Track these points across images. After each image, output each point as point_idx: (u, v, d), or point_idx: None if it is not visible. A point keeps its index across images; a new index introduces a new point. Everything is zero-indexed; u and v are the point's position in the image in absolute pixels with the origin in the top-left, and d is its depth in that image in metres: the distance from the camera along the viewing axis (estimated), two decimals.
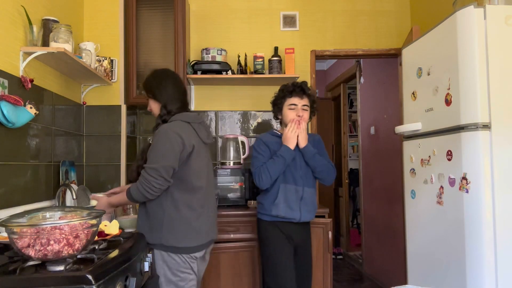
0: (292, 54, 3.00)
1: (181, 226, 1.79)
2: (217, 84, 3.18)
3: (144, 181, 1.72)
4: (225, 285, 2.56)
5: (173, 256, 1.79)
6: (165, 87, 1.90)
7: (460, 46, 1.73)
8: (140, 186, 1.73)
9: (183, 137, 1.79)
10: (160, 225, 1.78)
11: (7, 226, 1.19)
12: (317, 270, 2.53)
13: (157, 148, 1.76)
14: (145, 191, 1.72)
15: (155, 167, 1.72)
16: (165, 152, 1.74)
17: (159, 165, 1.72)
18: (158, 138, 1.78)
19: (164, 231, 1.78)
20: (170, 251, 1.79)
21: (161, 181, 1.72)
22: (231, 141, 2.97)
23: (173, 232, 1.78)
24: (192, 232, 1.81)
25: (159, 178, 1.71)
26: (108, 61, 2.80)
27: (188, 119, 1.89)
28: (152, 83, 1.93)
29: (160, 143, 1.76)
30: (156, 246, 1.80)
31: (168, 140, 1.76)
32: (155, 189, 1.72)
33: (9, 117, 1.75)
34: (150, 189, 1.72)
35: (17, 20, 1.99)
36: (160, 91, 1.90)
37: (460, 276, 1.72)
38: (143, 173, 1.74)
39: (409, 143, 2.22)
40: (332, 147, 5.40)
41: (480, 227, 1.65)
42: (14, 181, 1.96)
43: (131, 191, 1.76)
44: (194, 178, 1.84)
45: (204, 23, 3.24)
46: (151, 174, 1.71)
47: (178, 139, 1.77)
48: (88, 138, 2.82)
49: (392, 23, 3.32)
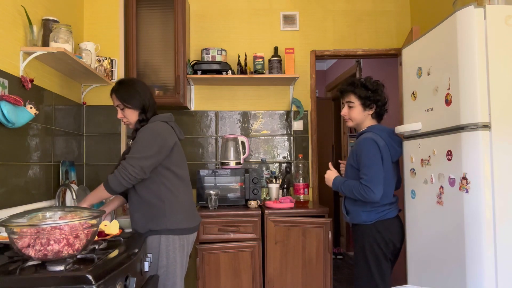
0: (292, 54, 3.00)
1: (181, 209, 1.96)
2: (217, 84, 3.19)
3: (122, 169, 1.82)
4: (225, 285, 2.56)
5: (175, 239, 1.91)
6: (139, 94, 2.00)
7: (460, 46, 1.73)
8: (117, 173, 1.82)
9: (165, 135, 1.93)
10: (163, 211, 1.91)
11: (7, 226, 1.19)
12: (317, 270, 2.54)
13: (140, 142, 1.88)
14: (122, 178, 1.81)
15: (135, 156, 1.84)
16: (147, 146, 1.87)
17: (140, 156, 1.84)
18: (142, 135, 1.90)
19: (168, 215, 1.91)
20: (174, 233, 1.91)
21: (137, 170, 1.82)
22: (231, 141, 2.97)
23: (176, 215, 1.93)
24: (190, 214, 2.01)
25: (136, 167, 1.82)
26: (108, 61, 2.80)
27: (165, 119, 2.03)
28: (126, 93, 1.99)
29: (143, 139, 1.89)
30: (161, 231, 1.90)
31: (152, 136, 1.89)
32: (131, 177, 1.81)
33: (9, 117, 1.75)
34: (127, 176, 1.81)
35: (17, 20, 1.99)
36: (136, 99, 1.98)
37: (460, 276, 1.72)
38: (123, 162, 1.84)
39: (409, 143, 2.22)
40: (332, 147, 5.40)
41: (480, 227, 1.64)
42: (14, 181, 1.96)
43: (109, 180, 1.84)
44: (179, 168, 2.00)
45: (204, 23, 3.24)
46: (130, 163, 1.82)
47: (161, 135, 1.91)
48: (88, 138, 2.82)
49: (392, 23, 3.32)
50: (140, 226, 1.93)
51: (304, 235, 2.54)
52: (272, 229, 2.55)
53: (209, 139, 3.21)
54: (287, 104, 3.25)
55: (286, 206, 2.65)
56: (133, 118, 2.00)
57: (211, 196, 2.67)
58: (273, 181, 2.91)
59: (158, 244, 1.89)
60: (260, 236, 2.59)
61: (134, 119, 2.00)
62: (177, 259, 1.91)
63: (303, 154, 3.21)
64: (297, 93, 3.25)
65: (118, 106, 2.00)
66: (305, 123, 3.26)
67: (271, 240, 2.54)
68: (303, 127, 3.25)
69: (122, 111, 2.00)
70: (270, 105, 3.26)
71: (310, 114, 3.26)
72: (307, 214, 2.61)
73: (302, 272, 2.55)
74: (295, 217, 2.57)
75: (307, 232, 2.54)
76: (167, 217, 1.90)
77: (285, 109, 3.26)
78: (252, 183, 2.80)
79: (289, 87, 3.25)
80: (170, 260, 1.90)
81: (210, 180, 2.80)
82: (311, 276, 2.55)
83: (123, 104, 1.98)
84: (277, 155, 3.24)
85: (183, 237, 1.94)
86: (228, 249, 2.57)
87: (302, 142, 3.25)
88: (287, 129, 3.26)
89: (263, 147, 3.24)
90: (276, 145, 3.25)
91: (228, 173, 2.82)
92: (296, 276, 2.55)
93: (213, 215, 2.58)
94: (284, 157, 3.23)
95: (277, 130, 3.25)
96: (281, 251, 2.55)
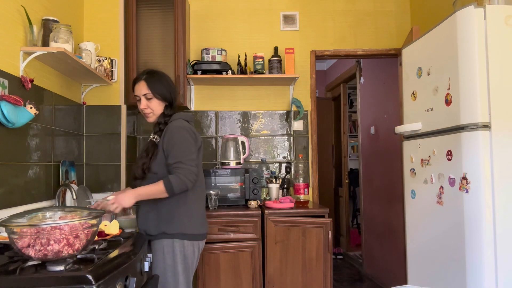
0: (292, 54, 3.00)
1: (197, 214, 1.93)
2: (217, 84, 3.19)
3: (186, 172, 1.79)
4: (225, 285, 2.56)
5: (188, 244, 1.87)
6: (169, 86, 1.97)
7: (460, 46, 1.73)
8: (182, 177, 1.78)
9: (196, 134, 1.93)
10: (180, 215, 1.87)
11: (7, 226, 1.19)
12: (317, 270, 2.54)
13: (183, 143, 1.85)
14: (188, 180, 1.79)
15: (192, 158, 1.83)
16: (190, 147, 1.86)
17: (193, 157, 1.84)
18: (179, 135, 1.86)
19: (184, 219, 1.87)
20: (187, 238, 1.87)
21: (195, 170, 1.83)
22: (231, 141, 2.97)
23: (191, 220, 1.90)
24: (203, 220, 1.99)
25: (194, 168, 1.82)
26: (108, 61, 2.80)
27: (187, 117, 1.98)
28: (158, 82, 1.95)
29: (183, 139, 1.85)
30: (174, 235, 1.85)
31: (190, 136, 1.88)
32: (192, 179, 1.81)
33: (9, 117, 1.75)
34: (190, 179, 1.80)
35: (17, 20, 1.99)
36: (166, 91, 1.95)
37: (460, 276, 1.72)
38: (182, 165, 1.80)
39: (409, 143, 2.22)
40: (332, 147, 5.40)
41: (480, 227, 1.65)
42: (14, 181, 1.96)
43: (172, 182, 1.78)
44: (201, 171, 1.98)
45: (204, 23, 3.24)
46: (190, 165, 1.81)
47: (194, 135, 1.90)
48: (88, 138, 2.82)
49: (392, 23, 3.32)
50: (152, 227, 1.89)
51: (304, 235, 2.54)
52: (272, 229, 2.55)
53: (209, 139, 3.22)
54: (287, 104, 3.25)
55: (286, 206, 2.65)
56: (159, 110, 1.94)
57: (211, 196, 2.67)
58: (273, 181, 2.91)
59: (171, 247, 1.85)
60: (260, 236, 2.59)
61: (159, 111, 1.94)
62: (189, 264, 1.88)
63: (303, 154, 3.22)
64: (297, 93, 3.25)
65: (146, 95, 1.92)
66: (305, 123, 3.26)
67: (271, 240, 2.55)
68: (303, 127, 3.25)
69: (149, 101, 1.92)
70: (270, 105, 3.26)
71: (310, 114, 3.26)
72: (307, 214, 2.61)
73: (302, 272, 2.55)
74: (295, 217, 2.57)
75: (307, 232, 2.54)
76: (183, 221, 1.87)
77: (285, 109, 3.26)
78: (252, 183, 2.80)
79: (289, 87, 3.25)
80: (182, 265, 1.86)
81: (210, 180, 2.80)
82: (311, 276, 2.55)
83: (152, 94, 1.91)
84: (277, 155, 3.24)
85: (195, 243, 1.90)
86: (228, 249, 2.57)
87: (302, 142, 3.25)
88: (287, 129, 3.26)
89: (263, 147, 3.24)
90: (276, 145, 3.25)
91: (228, 173, 2.82)
92: (296, 276, 2.55)
93: (213, 215, 2.58)
94: (284, 157, 3.23)
95: (277, 130, 3.25)
96: (281, 251, 2.55)
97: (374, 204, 4.11)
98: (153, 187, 1.81)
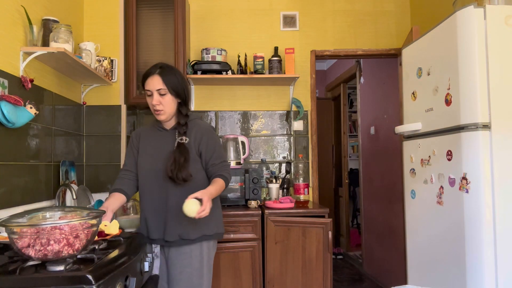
0: (292, 54, 3.00)
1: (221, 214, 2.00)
2: (217, 84, 3.18)
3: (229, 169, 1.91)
4: (225, 285, 2.56)
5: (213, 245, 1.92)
6: (184, 83, 1.89)
7: (460, 46, 1.73)
8: (228, 176, 1.88)
9: None
10: (215, 216, 1.90)
11: (7, 226, 1.19)
12: (317, 270, 2.54)
13: (220, 143, 1.97)
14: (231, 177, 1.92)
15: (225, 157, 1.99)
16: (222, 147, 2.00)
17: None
18: (214, 135, 1.94)
19: (219, 220, 1.95)
20: (218, 237, 1.93)
21: None
22: (231, 141, 2.97)
23: (220, 220, 1.98)
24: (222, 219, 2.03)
25: None
26: (108, 61, 2.80)
27: (198, 117, 2.02)
28: (174, 77, 1.84)
29: (218, 139, 1.97)
30: (212, 236, 1.88)
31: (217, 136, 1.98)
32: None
33: (9, 117, 1.75)
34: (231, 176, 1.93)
35: (17, 20, 1.99)
36: (181, 88, 1.85)
37: (460, 276, 1.72)
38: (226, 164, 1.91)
39: (409, 143, 2.22)
40: (332, 147, 5.40)
41: (480, 227, 1.65)
42: (14, 181, 1.96)
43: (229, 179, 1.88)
44: None
45: (204, 23, 3.24)
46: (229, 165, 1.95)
47: None
48: (88, 138, 2.82)
49: (392, 23, 3.32)
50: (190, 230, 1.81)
51: (304, 235, 2.54)
52: (272, 229, 2.55)
53: None
54: (287, 104, 3.25)
55: (286, 206, 2.65)
56: (171, 108, 1.84)
57: None
58: (273, 181, 2.91)
59: (199, 250, 1.81)
60: (260, 236, 2.59)
61: (171, 109, 1.84)
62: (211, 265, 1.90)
63: (303, 154, 3.22)
64: (297, 93, 3.25)
65: (160, 90, 1.80)
66: (305, 123, 3.26)
67: (271, 240, 2.54)
68: (303, 127, 3.25)
69: (162, 96, 1.80)
70: (270, 105, 3.26)
71: (310, 114, 3.26)
72: (307, 214, 2.61)
73: (302, 272, 2.55)
74: (295, 217, 2.57)
75: (307, 232, 2.54)
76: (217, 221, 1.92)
77: (285, 109, 3.26)
78: (252, 183, 2.80)
79: (289, 87, 3.25)
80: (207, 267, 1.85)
81: None
82: (311, 276, 2.55)
83: (167, 89, 1.80)
84: (277, 155, 3.24)
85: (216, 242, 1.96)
86: (228, 249, 2.57)
87: (302, 142, 3.25)
88: (287, 129, 3.26)
89: (263, 147, 3.24)
90: (276, 145, 3.25)
91: None
92: (296, 276, 2.55)
93: None
94: (284, 157, 3.23)
95: (277, 130, 3.25)
96: (281, 251, 2.55)
97: (374, 204, 4.11)
98: (217, 186, 1.78)
